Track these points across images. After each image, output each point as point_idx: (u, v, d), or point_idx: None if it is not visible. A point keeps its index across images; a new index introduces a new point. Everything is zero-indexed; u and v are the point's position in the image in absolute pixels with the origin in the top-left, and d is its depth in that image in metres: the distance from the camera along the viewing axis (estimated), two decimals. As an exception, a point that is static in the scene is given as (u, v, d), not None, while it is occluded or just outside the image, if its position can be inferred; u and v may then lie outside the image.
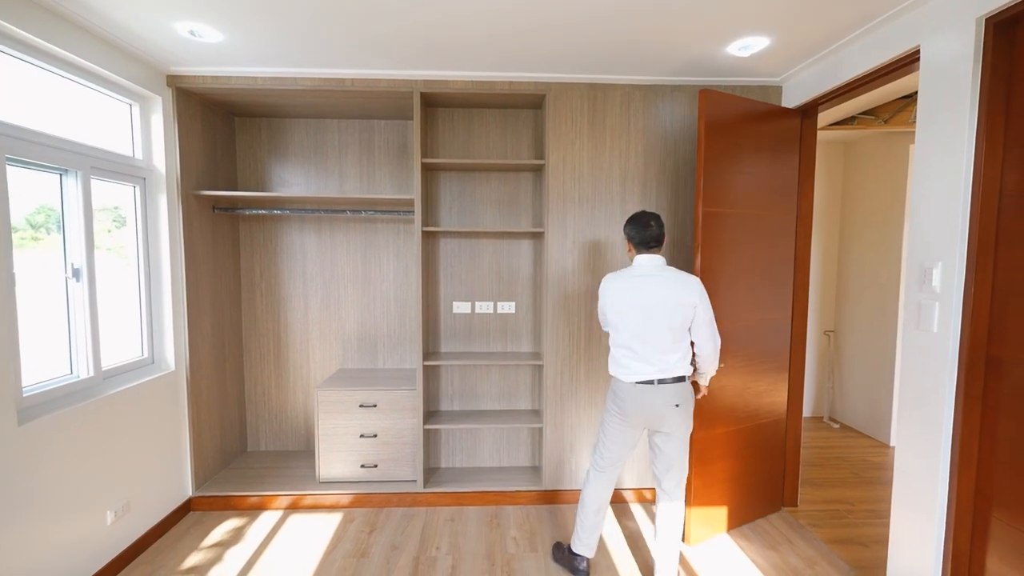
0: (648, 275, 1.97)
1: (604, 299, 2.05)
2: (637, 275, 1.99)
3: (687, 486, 2.25)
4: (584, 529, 2.12)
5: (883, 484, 3.01)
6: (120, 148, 2.36)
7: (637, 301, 1.95)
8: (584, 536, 2.12)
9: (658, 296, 1.93)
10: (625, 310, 1.96)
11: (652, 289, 1.94)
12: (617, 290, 2.00)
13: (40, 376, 1.97)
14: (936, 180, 1.75)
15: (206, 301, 2.77)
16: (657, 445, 2.04)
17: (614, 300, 2.00)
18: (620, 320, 1.98)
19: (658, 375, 1.94)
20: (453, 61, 2.43)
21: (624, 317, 1.97)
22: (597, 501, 2.10)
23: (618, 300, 1.98)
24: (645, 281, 1.96)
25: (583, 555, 2.13)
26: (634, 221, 2.03)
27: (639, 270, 2.00)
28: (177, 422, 2.60)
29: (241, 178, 3.06)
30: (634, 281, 1.98)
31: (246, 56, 2.37)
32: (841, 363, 4.16)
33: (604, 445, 2.08)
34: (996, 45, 1.58)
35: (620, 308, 1.98)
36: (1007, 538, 1.60)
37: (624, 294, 1.97)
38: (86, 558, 2.03)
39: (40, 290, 2.04)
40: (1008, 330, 1.59)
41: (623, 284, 2.00)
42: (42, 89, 2.01)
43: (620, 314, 1.98)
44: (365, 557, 2.31)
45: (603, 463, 2.09)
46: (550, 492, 2.80)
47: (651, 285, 1.95)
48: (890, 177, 3.70)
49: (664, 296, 1.92)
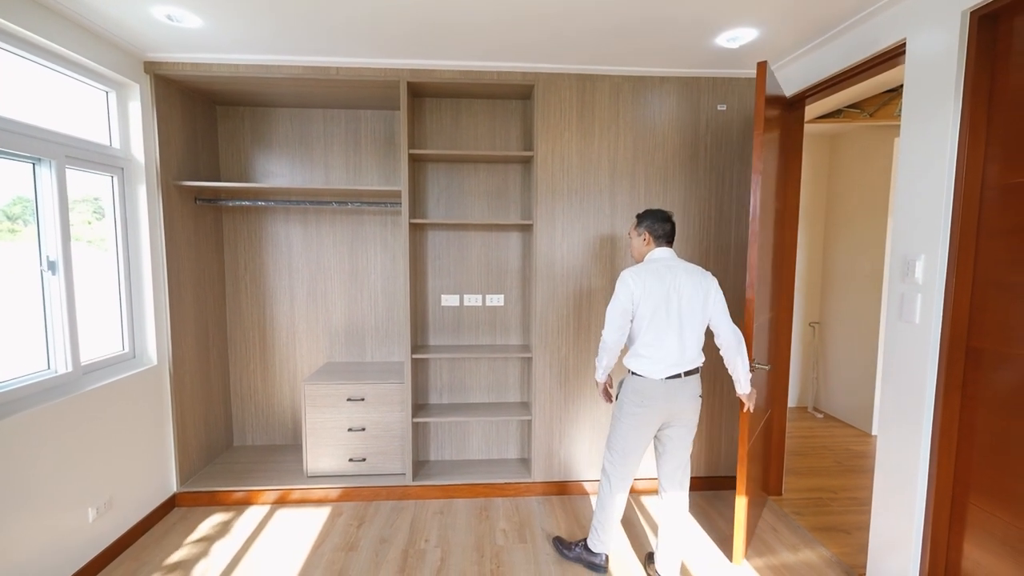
0: (671, 267, 1.95)
1: (635, 293, 1.92)
2: (662, 268, 1.94)
3: None
4: (606, 532, 2.09)
5: (865, 472, 3.08)
6: (96, 137, 2.29)
7: (668, 293, 1.91)
8: (605, 537, 2.10)
9: (687, 286, 1.92)
10: (657, 303, 1.91)
11: (680, 280, 1.92)
12: (648, 284, 1.91)
13: (16, 371, 1.92)
14: (920, 172, 1.76)
15: (189, 294, 2.72)
16: (670, 438, 2.02)
17: (646, 294, 1.91)
18: (652, 314, 1.91)
19: (686, 367, 1.94)
20: (441, 50, 2.39)
21: (656, 310, 1.91)
22: (619, 510, 2.07)
23: (650, 294, 1.90)
24: (670, 273, 1.93)
25: (603, 552, 2.12)
26: (655, 215, 2.02)
27: (662, 263, 1.96)
28: (160, 417, 2.56)
29: (224, 169, 2.99)
30: (660, 274, 1.92)
31: (227, 42, 2.31)
32: (826, 354, 4.22)
33: (626, 449, 2.00)
34: (980, 38, 1.59)
35: (653, 302, 1.91)
36: (984, 524, 1.64)
37: (656, 288, 1.91)
38: (68, 556, 2.00)
39: (15, 283, 1.98)
40: (988, 322, 1.62)
41: (651, 278, 1.91)
42: (12, 75, 1.94)
43: (653, 308, 1.91)
44: (354, 551, 2.30)
45: (623, 468, 2.02)
46: (539, 484, 2.81)
47: (677, 276, 1.92)
48: (875, 170, 3.74)
49: (693, 285, 1.92)
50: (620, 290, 1.95)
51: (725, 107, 2.69)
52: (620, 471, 2.03)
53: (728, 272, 2.77)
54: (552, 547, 2.32)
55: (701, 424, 2.84)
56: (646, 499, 2.80)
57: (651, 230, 2.02)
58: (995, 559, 1.60)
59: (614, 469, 2.04)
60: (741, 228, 2.76)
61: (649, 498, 2.81)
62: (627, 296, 1.93)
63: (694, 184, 2.73)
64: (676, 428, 2.00)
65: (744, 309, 2.09)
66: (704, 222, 2.75)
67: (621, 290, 1.94)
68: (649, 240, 2.03)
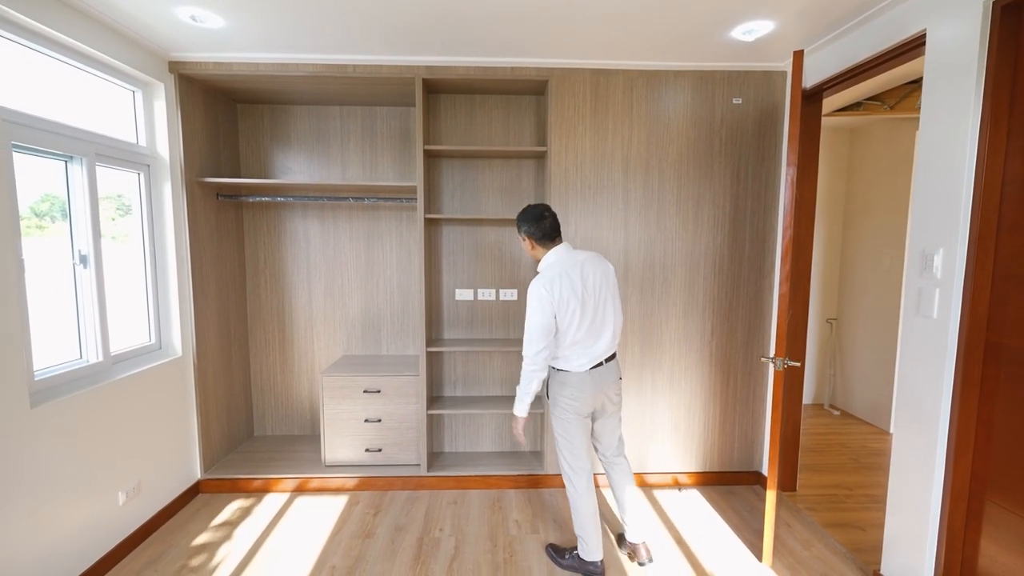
0: (575, 262, 1.94)
1: (553, 305, 1.88)
2: (568, 267, 1.92)
3: None
4: (592, 537, 2.04)
5: (882, 470, 3.04)
6: (124, 135, 2.37)
7: (581, 293, 1.91)
8: (593, 544, 2.05)
9: (595, 277, 1.95)
10: (574, 306, 1.90)
11: (585, 272, 1.93)
12: (561, 290, 1.88)
13: (51, 360, 2.01)
14: (939, 165, 1.74)
15: (211, 288, 2.80)
16: (603, 427, 2.11)
17: (562, 301, 1.88)
18: (573, 318, 1.90)
19: (606, 353, 1.99)
20: (455, 46, 2.42)
21: (576, 313, 1.90)
22: (592, 504, 2.05)
23: (566, 300, 1.89)
24: (575, 270, 1.92)
25: (597, 560, 2.06)
26: (526, 217, 1.97)
27: (566, 262, 1.94)
28: (185, 406, 2.65)
29: (244, 165, 3.06)
30: (568, 275, 1.90)
31: (247, 42, 2.36)
32: (843, 351, 4.17)
33: (573, 445, 2.02)
34: (1003, 29, 1.56)
35: (571, 306, 1.89)
36: (1002, 522, 1.62)
37: (568, 291, 1.89)
38: (100, 537, 2.09)
39: (49, 277, 2.07)
40: (1008, 317, 1.60)
41: (560, 283, 1.89)
42: (45, 76, 2.02)
43: (573, 312, 1.90)
44: (371, 537, 2.36)
45: (581, 462, 2.03)
46: (552, 476, 2.84)
47: (584, 270, 1.93)
48: (895, 164, 3.67)
49: (598, 275, 1.96)
50: (536, 306, 1.89)
51: (741, 101, 2.67)
52: (578, 465, 2.03)
53: (743, 267, 2.76)
54: (545, 552, 2.25)
55: (714, 418, 2.84)
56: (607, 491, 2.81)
57: (531, 234, 1.98)
58: (1013, 556, 1.59)
59: (572, 468, 2.04)
60: (756, 223, 2.74)
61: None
62: (547, 311, 1.88)
63: (708, 179, 2.71)
64: (605, 418, 2.09)
65: (778, 305, 2.05)
66: (719, 217, 2.74)
67: (537, 306, 1.89)
68: (533, 244, 2.00)
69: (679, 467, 2.87)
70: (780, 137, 2.69)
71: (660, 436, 2.84)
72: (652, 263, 2.75)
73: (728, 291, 2.78)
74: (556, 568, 2.15)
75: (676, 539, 2.36)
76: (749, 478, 2.88)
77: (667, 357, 2.80)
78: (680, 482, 2.88)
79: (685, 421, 2.85)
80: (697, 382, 2.83)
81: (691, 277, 2.77)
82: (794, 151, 2.00)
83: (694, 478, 2.88)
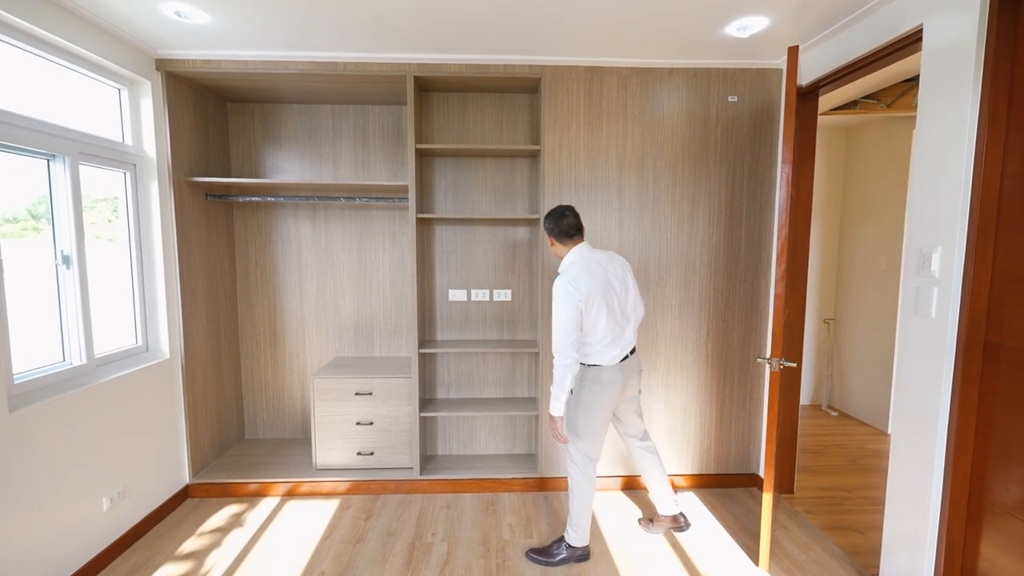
0: (597, 260, 2.04)
1: (579, 301, 1.94)
2: (589, 263, 2.02)
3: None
4: (586, 524, 2.15)
5: (880, 472, 3.01)
6: (109, 134, 2.33)
7: (604, 288, 2.00)
8: (586, 530, 2.16)
9: (617, 274, 2.06)
10: (599, 302, 1.98)
11: (607, 270, 2.04)
12: (587, 285, 1.96)
13: (32, 363, 1.96)
14: (937, 162, 1.71)
15: (201, 289, 2.76)
16: (627, 415, 2.25)
17: (588, 297, 1.95)
18: (600, 311, 1.99)
19: (630, 346, 2.11)
20: (447, 44, 2.38)
21: (600, 308, 1.99)
22: (594, 493, 2.16)
23: (591, 295, 1.96)
24: (597, 266, 2.02)
25: (584, 544, 2.17)
26: (551, 216, 2.06)
27: (589, 259, 2.04)
28: (173, 409, 2.60)
29: (235, 165, 3.02)
30: (591, 272, 1.99)
31: (236, 39, 2.33)
32: (841, 351, 4.14)
33: (594, 432, 2.10)
34: (1001, 23, 1.54)
35: (596, 302, 1.98)
36: (1002, 524, 1.59)
37: (593, 287, 1.97)
38: (84, 543, 2.04)
39: (40, 280, 2.03)
40: (1006, 316, 1.57)
41: (586, 279, 1.97)
42: (27, 72, 1.97)
43: (598, 307, 1.98)
44: (361, 543, 2.32)
45: (598, 452, 2.13)
46: (546, 479, 2.80)
47: (606, 267, 2.04)
48: (892, 163, 3.65)
49: (618, 270, 2.07)
50: (564, 302, 1.94)
51: (736, 98, 2.64)
52: (595, 455, 2.12)
53: (739, 266, 2.73)
54: (529, 560, 2.17)
55: (710, 420, 2.81)
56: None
57: (550, 231, 2.07)
58: (1013, 560, 1.55)
59: (589, 458, 2.12)
60: (752, 221, 2.71)
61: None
62: (574, 306, 1.94)
63: (704, 177, 2.69)
64: (627, 405, 2.22)
65: (774, 305, 2.03)
66: (714, 216, 2.71)
67: (564, 301, 1.94)
68: (553, 241, 2.09)
69: (675, 469, 2.84)
70: (776, 135, 2.67)
71: (656, 438, 2.81)
72: (647, 263, 2.72)
73: (724, 291, 2.75)
74: (548, 569, 2.12)
75: (672, 543, 2.33)
76: (746, 480, 2.85)
77: (663, 358, 2.77)
78: (676, 484, 2.85)
79: (681, 423, 2.81)
80: (693, 383, 2.79)
81: (686, 277, 2.74)
82: (789, 149, 1.97)
83: (690, 480, 2.85)
